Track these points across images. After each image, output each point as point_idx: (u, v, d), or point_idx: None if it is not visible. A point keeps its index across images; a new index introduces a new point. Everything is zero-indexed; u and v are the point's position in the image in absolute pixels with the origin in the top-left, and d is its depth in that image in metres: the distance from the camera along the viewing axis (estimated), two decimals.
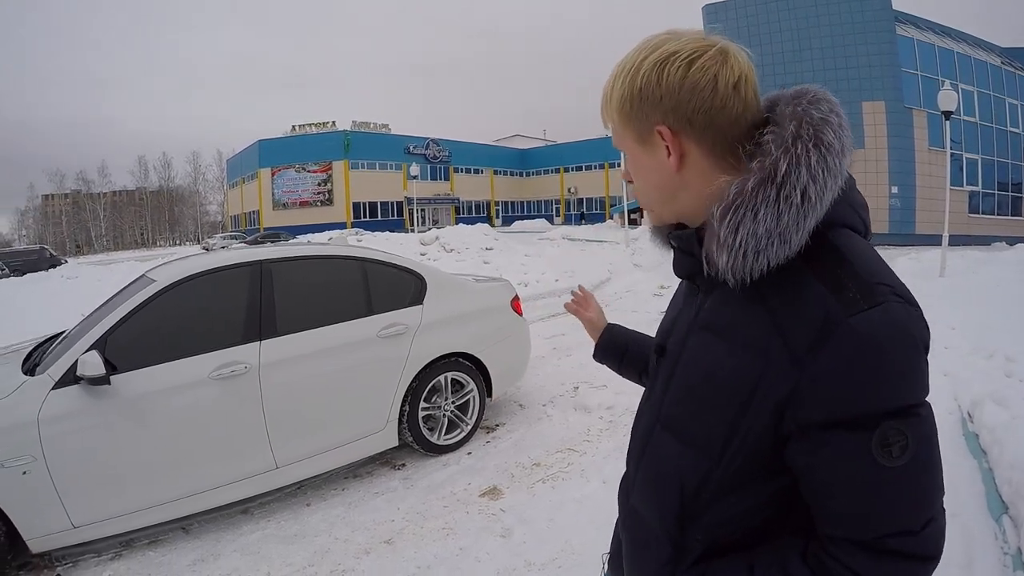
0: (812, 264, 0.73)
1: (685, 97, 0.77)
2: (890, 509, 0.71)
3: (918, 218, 20.12)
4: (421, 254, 15.04)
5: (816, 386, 0.69)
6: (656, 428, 0.91)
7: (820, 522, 0.75)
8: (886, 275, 0.73)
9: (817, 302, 0.70)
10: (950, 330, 6.08)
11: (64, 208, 79.66)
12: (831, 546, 0.74)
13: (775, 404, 0.72)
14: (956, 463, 3.45)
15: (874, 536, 0.71)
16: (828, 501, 0.73)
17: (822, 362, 0.68)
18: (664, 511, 0.87)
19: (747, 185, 0.73)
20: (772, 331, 0.73)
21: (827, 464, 0.71)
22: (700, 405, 0.82)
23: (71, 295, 11.89)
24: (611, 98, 0.83)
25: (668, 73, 0.77)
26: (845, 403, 0.68)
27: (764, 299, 0.75)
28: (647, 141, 0.82)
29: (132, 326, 3.13)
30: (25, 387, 2.90)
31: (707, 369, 0.81)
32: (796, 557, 0.76)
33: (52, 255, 30.31)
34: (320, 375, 3.57)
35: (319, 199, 49.12)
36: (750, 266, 0.73)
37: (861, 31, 20.52)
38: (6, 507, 2.75)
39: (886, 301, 0.69)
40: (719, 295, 0.82)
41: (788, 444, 0.74)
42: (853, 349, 0.67)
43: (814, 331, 0.69)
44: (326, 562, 2.95)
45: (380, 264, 4.08)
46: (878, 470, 0.68)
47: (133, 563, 3.07)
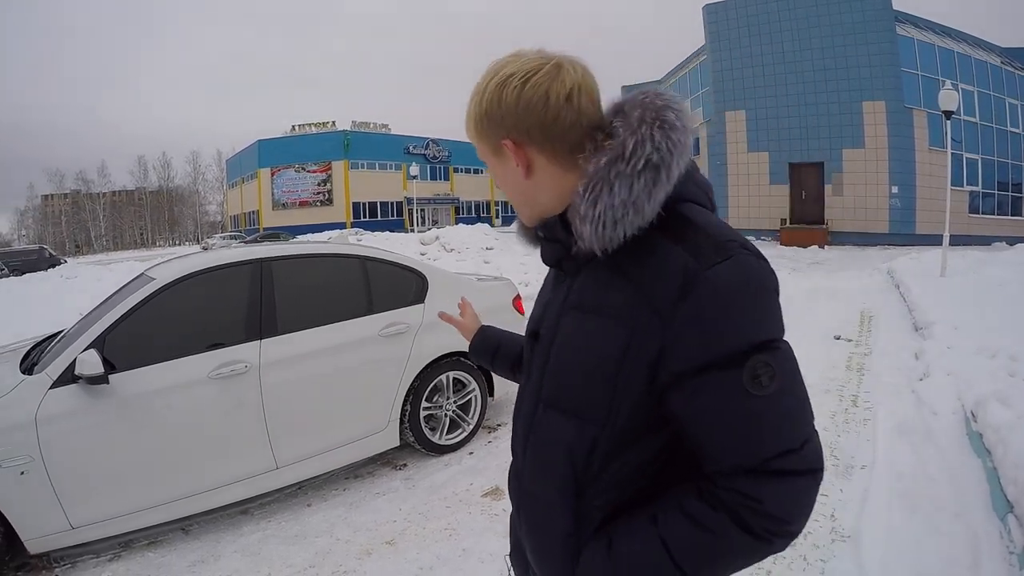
0: (666, 232, 0.82)
1: (522, 113, 0.87)
2: (770, 433, 0.79)
3: (918, 218, 20.08)
4: (421, 254, 15.04)
5: (684, 336, 0.77)
6: (539, 409, 0.97)
7: (708, 461, 0.82)
8: (733, 234, 0.82)
9: (675, 261, 0.79)
10: (952, 330, 6.06)
11: (63, 208, 79.55)
12: (722, 479, 0.80)
13: (648, 362, 0.80)
14: (960, 462, 3.43)
15: (761, 460, 0.78)
16: (712, 439, 0.80)
17: (687, 313, 0.76)
18: (560, 484, 0.92)
19: (600, 163, 0.83)
20: (636, 296, 0.81)
21: (707, 405, 0.78)
22: (579, 378, 0.88)
23: (70, 295, 11.85)
24: (468, 119, 0.94)
25: (506, 93, 0.87)
26: (714, 345, 0.76)
27: (624, 270, 0.84)
28: (499, 154, 0.93)
29: (131, 325, 3.11)
30: (23, 386, 2.88)
31: (581, 344, 0.88)
32: (691, 497, 0.83)
33: (51, 255, 30.28)
34: (321, 374, 3.55)
35: (319, 199, 49.09)
36: (610, 236, 0.82)
37: (861, 31, 20.47)
38: (4, 507, 2.73)
39: (736, 254, 0.78)
40: (585, 275, 0.91)
41: (666, 396, 0.81)
42: (713, 296, 0.76)
43: (675, 287, 0.77)
44: (327, 563, 2.93)
45: (381, 262, 4.06)
46: (753, 400, 0.77)
47: (132, 564, 3.05)
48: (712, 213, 0.89)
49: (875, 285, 10.82)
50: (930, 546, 2.69)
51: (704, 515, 0.81)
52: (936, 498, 3.09)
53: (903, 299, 9.04)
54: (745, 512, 0.79)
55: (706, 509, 0.81)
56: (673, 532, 0.82)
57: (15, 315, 9.55)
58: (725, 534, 0.80)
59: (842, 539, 2.86)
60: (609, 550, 0.86)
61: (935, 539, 2.74)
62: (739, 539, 0.80)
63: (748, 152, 23.71)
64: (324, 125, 51.10)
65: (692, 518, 0.81)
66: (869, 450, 3.77)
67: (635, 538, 0.85)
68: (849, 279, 11.58)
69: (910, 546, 2.69)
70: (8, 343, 4.12)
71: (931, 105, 17.98)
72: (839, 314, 8.38)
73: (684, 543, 0.81)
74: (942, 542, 2.72)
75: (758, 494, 0.78)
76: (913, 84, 20.30)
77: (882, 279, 11.45)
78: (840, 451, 3.85)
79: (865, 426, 4.23)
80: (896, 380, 5.17)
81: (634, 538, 0.85)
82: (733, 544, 0.80)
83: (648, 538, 0.83)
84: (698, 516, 0.81)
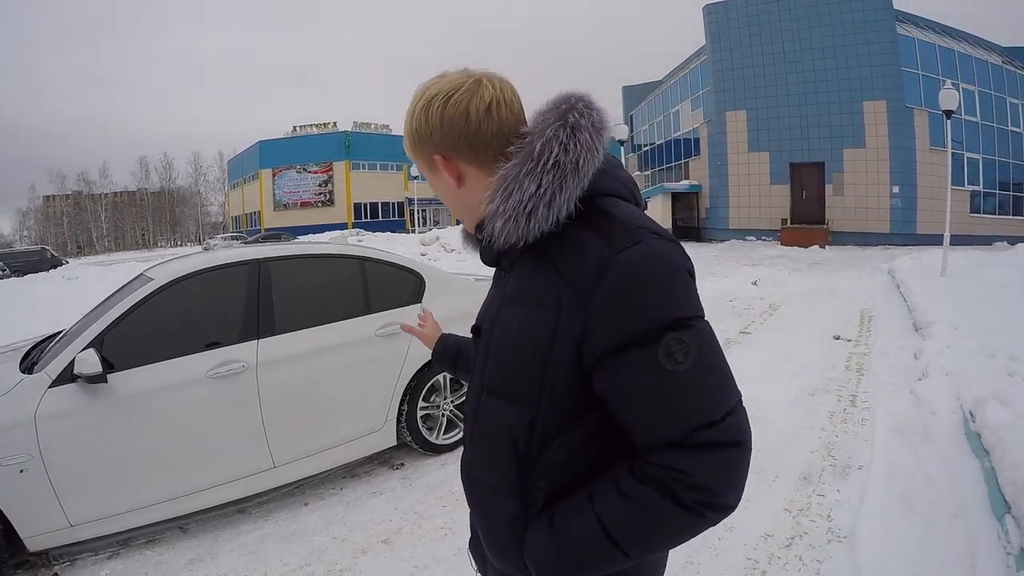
0: (583, 223, 0.88)
1: (447, 130, 0.94)
2: (689, 407, 0.83)
3: (919, 218, 20.06)
4: (422, 254, 15.07)
5: (601, 317, 0.82)
6: (482, 397, 1.02)
7: (635, 437, 0.86)
8: (646, 221, 0.89)
9: (590, 248, 0.85)
10: (952, 330, 6.06)
11: (65, 209, 79.59)
12: (650, 455, 0.85)
13: (573, 343, 0.86)
14: (959, 463, 3.43)
15: (682, 433, 0.82)
16: (636, 414, 0.85)
17: (603, 295, 0.82)
18: (504, 468, 0.96)
19: (510, 164, 0.90)
20: (560, 282, 0.87)
21: (627, 382, 0.83)
22: (515, 363, 0.93)
23: (72, 295, 11.88)
24: (405, 138, 1.02)
25: (431, 113, 0.94)
26: (628, 325, 0.81)
27: (551, 259, 0.90)
28: (433, 169, 1.00)
29: (130, 324, 3.12)
30: (22, 385, 2.89)
31: (515, 331, 0.94)
32: (625, 474, 0.87)
33: (53, 256, 30.32)
34: (318, 374, 3.55)
35: (320, 200, 49.12)
36: (524, 229, 0.88)
37: (862, 30, 20.46)
38: (3, 505, 2.74)
39: (645, 239, 0.84)
40: (518, 270, 0.97)
41: (592, 377, 0.86)
42: (624, 278, 0.81)
43: (592, 272, 0.83)
44: (323, 562, 2.94)
45: (378, 263, 4.06)
46: (669, 376, 0.81)
47: (130, 562, 3.06)
48: (633, 206, 0.96)
49: (876, 285, 10.82)
50: (927, 547, 2.69)
51: (635, 490, 0.85)
52: (934, 498, 3.09)
53: (903, 299, 9.04)
54: (674, 485, 0.82)
55: (637, 484, 0.85)
56: (607, 508, 0.86)
57: (16, 315, 9.57)
58: (656, 508, 0.83)
59: (838, 540, 2.86)
60: (551, 528, 0.90)
61: (932, 540, 2.74)
62: (671, 512, 0.83)
63: (749, 152, 23.72)
64: (325, 126, 51.10)
65: (624, 494, 0.85)
66: (867, 450, 3.77)
67: (573, 515, 0.89)
68: (850, 279, 11.57)
69: (907, 546, 2.69)
70: (9, 343, 4.13)
71: (932, 105, 17.96)
72: (839, 314, 8.38)
73: (617, 518, 0.85)
74: (939, 543, 2.72)
75: (683, 466, 0.82)
76: (914, 84, 20.29)
77: (883, 279, 11.45)
78: (838, 451, 3.85)
79: (863, 426, 4.23)
80: (895, 380, 5.17)
81: (573, 515, 0.89)
82: (665, 518, 0.84)
83: (585, 514, 0.87)
84: (629, 491, 0.85)
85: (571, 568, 0.89)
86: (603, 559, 0.87)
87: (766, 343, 6.74)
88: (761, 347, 6.56)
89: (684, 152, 28.15)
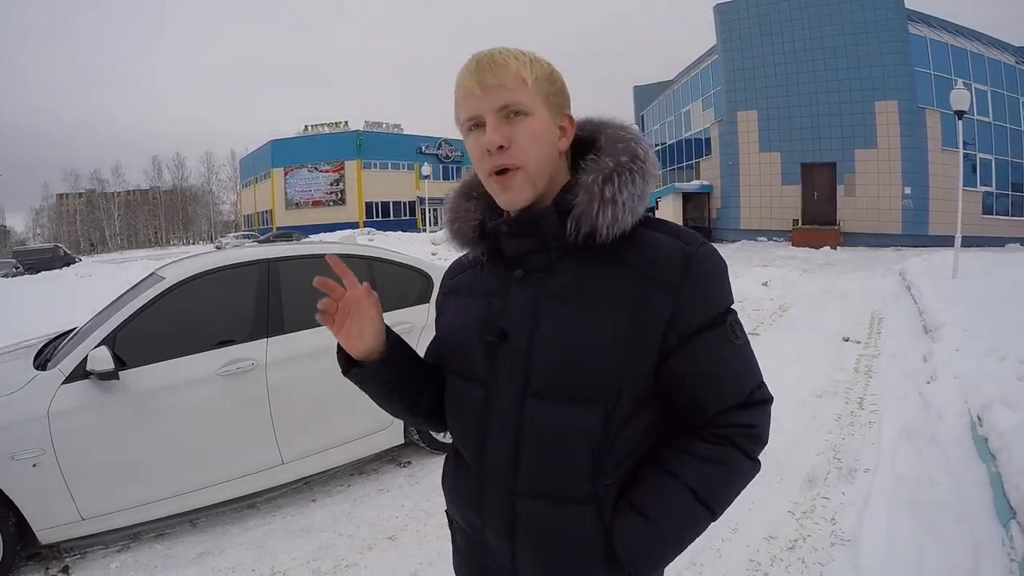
0: (650, 227, 0.97)
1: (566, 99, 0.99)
2: (749, 373, 0.98)
3: (931, 219, 19.89)
4: (432, 253, 15.10)
5: (689, 303, 0.92)
6: (528, 404, 0.96)
7: (707, 407, 0.96)
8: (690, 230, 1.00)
9: (671, 247, 0.93)
10: (962, 332, 6.02)
11: (78, 207, 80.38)
12: (719, 418, 0.96)
13: (661, 332, 0.92)
14: (964, 467, 3.41)
15: (746, 395, 0.97)
16: (712, 384, 0.95)
17: (690, 284, 0.91)
18: (575, 474, 0.95)
19: (620, 159, 0.95)
20: (639, 278, 0.92)
21: (708, 356, 0.93)
22: (583, 362, 0.92)
23: (85, 293, 12.02)
24: (533, 66, 0.94)
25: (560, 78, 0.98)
26: (709, 308, 0.94)
27: (620, 258, 0.94)
28: (553, 119, 0.96)
29: (141, 323, 3.17)
30: (36, 381, 2.95)
31: (582, 329, 0.93)
32: (697, 443, 0.96)
33: (66, 253, 30.67)
34: (326, 372, 3.55)
35: (332, 199, 49.36)
36: (622, 224, 0.93)
37: (873, 30, 20.30)
38: (16, 498, 2.80)
39: (703, 242, 0.96)
40: (567, 268, 0.96)
41: (670, 358, 0.93)
42: (704, 270, 0.93)
43: (679, 265, 0.92)
44: (330, 557, 2.98)
45: (386, 263, 4.10)
46: (735, 348, 0.96)
47: (140, 555, 3.11)
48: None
49: (887, 287, 10.76)
50: (930, 551, 2.68)
51: (715, 452, 0.95)
52: (939, 503, 3.08)
53: (914, 301, 8.98)
54: (743, 439, 0.96)
55: (714, 447, 0.95)
56: (695, 476, 0.94)
57: (30, 313, 9.70)
58: (735, 462, 0.96)
59: (842, 543, 2.86)
60: (643, 515, 0.93)
61: (936, 544, 2.73)
62: (742, 464, 0.97)
63: (760, 152, 23.61)
64: (337, 125, 51.35)
65: (705, 459, 0.95)
66: (873, 453, 3.76)
67: (663, 495, 0.94)
68: (861, 280, 11.52)
69: (910, 550, 2.69)
70: (22, 340, 4.20)
71: (944, 105, 17.78)
72: (849, 316, 8.35)
73: (707, 482, 0.94)
74: (943, 547, 2.71)
75: (752, 420, 0.97)
76: (926, 83, 20.11)
77: (894, 280, 11.38)
78: (844, 454, 3.85)
79: (870, 429, 4.22)
80: (903, 383, 5.15)
81: (662, 495, 0.94)
82: (740, 470, 0.97)
83: (675, 490, 0.93)
84: (710, 455, 0.95)
85: (675, 544, 0.96)
86: (697, 524, 0.96)
87: (775, 344, 6.72)
88: (769, 348, 6.54)
89: (695, 152, 28.06)
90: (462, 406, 1.06)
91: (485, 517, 1.03)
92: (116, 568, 3.01)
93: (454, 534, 1.17)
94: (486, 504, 1.02)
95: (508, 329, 0.99)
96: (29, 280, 17.25)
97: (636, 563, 0.94)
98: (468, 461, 1.06)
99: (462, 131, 0.98)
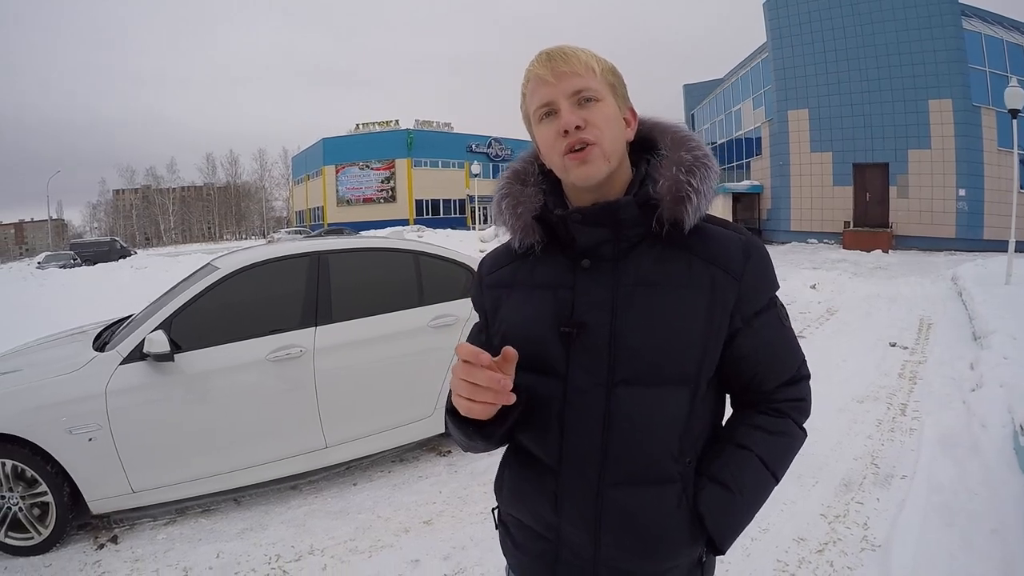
0: (711, 222, 1.04)
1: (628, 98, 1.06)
2: (796, 350, 1.09)
3: (986, 222, 18.99)
4: (480, 251, 15.22)
5: (751, 287, 1.00)
6: (616, 392, 0.96)
7: (764, 382, 1.06)
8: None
9: (732, 239, 1.01)
10: (1011, 340, 5.82)
11: (134, 202, 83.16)
12: (776, 393, 1.07)
13: (730, 314, 0.99)
14: (1004, 478, 3.32)
15: (795, 370, 1.09)
16: (771, 361, 1.06)
17: (751, 270, 1.00)
18: (664, 455, 0.98)
19: (695, 154, 1.01)
20: (710, 266, 0.98)
21: (766, 336, 1.04)
22: (669, 348, 0.97)
23: (140, 284, 12.51)
24: (599, 60, 1.01)
25: (621, 74, 1.05)
26: (765, 292, 1.03)
27: (690, 248, 1.00)
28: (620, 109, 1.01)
29: (196, 309, 3.36)
30: (95, 362, 3.16)
31: (663, 315, 0.97)
32: (761, 418, 1.07)
33: (122, 247, 31.76)
34: (371, 361, 3.72)
35: (382, 196, 50.12)
36: (699, 213, 1.00)
37: (926, 26, 19.56)
38: (72, 471, 3.00)
39: (751, 233, 1.05)
40: (641, 257, 1.00)
41: (735, 339, 1.01)
42: (760, 258, 1.02)
43: (741, 255, 0.99)
44: (366, 537, 3.10)
45: (432, 257, 4.22)
46: (785, 328, 1.07)
47: (186, 528, 3.30)
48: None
49: (938, 292, 10.44)
50: (962, 562, 2.62)
51: (778, 425, 1.06)
52: (974, 513, 3.01)
53: (965, 307, 8.71)
54: (796, 412, 1.08)
55: (776, 419, 1.06)
56: (764, 448, 1.04)
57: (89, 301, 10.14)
58: (793, 433, 1.07)
59: (872, 548, 2.84)
60: (724, 487, 1.01)
61: (967, 555, 2.67)
62: (798, 434, 1.08)
63: (811, 152, 23.04)
64: (388, 124, 52.10)
65: (769, 431, 1.06)
66: (912, 460, 3.70)
67: (737, 466, 1.02)
68: (911, 285, 11.19)
69: (942, 560, 2.63)
70: (81, 325, 4.45)
71: (1000, 103, 17.01)
72: (898, 321, 8.16)
73: (774, 452, 1.05)
74: (975, 558, 2.64)
75: (801, 394, 1.09)
76: (981, 81, 19.26)
77: (945, 286, 11.03)
78: (882, 460, 3.80)
79: (911, 436, 4.15)
80: (948, 390, 5.03)
81: (739, 467, 1.02)
82: (796, 439, 1.08)
83: (747, 461, 1.03)
84: (774, 427, 1.06)
85: (752, 511, 1.04)
86: (766, 492, 1.05)
87: (820, 347, 6.61)
88: (815, 351, 6.42)
89: (746, 152, 27.53)
90: (545, 403, 1.01)
91: (564, 512, 1.01)
92: (163, 539, 3.19)
93: (511, 534, 1.14)
94: (566, 499, 1.00)
95: (586, 320, 0.98)
96: (87, 271, 17.98)
97: (723, 532, 1.01)
98: (544, 458, 1.02)
99: (533, 120, 1.01)
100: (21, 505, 2.98)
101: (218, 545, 3.07)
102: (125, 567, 2.93)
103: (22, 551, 3.00)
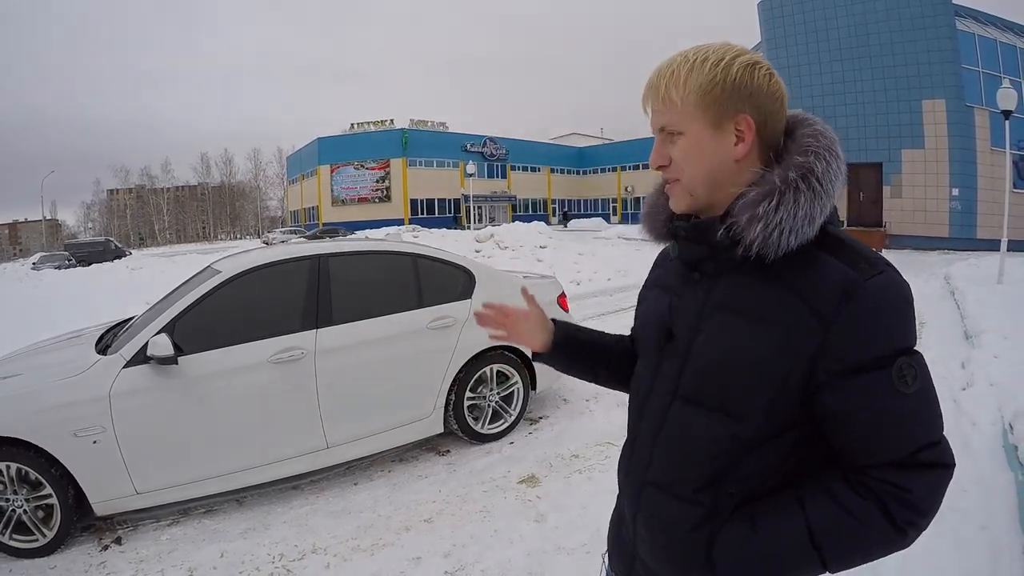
0: (822, 247, 0.90)
1: (768, 100, 0.93)
2: (917, 428, 0.87)
3: (980, 222, 19.19)
4: (476, 251, 15.20)
5: (843, 337, 0.85)
6: (674, 404, 1.00)
7: (857, 455, 0.89)
8: (879, 253, 0.91)
9: (836, 272, 0.86)
10: (1002, 339, 5.90)
11: (128, 202, 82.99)
12: (872, 471, 0.87)
13: (808, 361, 0.87)
14: (992, 476, 3.38)
15: (908, 453, 0.86)
16: (864, 433, 0.87)
17: (848, 317, 0.84)
18: (694, 477, 0.97)
19: (789, 175, 0.89)
20: (796, 301, 0.88)
21: (861, 402, 0.86)
22: (728, 376, 0.93)
23: (136, 285, 12.50)
24: (687, 80, 0.92)
25: (758, 76, 0.92)
26: (869, 348, 0.85)
27: (782, 278, 0.90)
28: (721, 127, 0.93)
29: (199, 312, 3.39)
30: (99, 365, 3.19)
31: (731, 344, 0.93)
32: (842, 487, 0.89)
33: (117, 247, 31.61)
34: (371, 362, 3.77)
35: (377, 196, 49.88)
36: (777, 242, 0.87)
37: (920, 26, 19.69)
38: (76, 473, 3.03)
39: (886, 269, 0.87)
40: (732, 280, 0.95)
41: (819, 394, 0.88)
42: (872, 304, 0.84)
43: (838, 294, 0.85)
44: (368, 536, 3.15)
45: (430, 259, 4.27)
46: (901, 398, 0.85)
47: (189, 529, 3.33)
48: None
49: (931, 291, 10.52)
50: (950, 557, 2.65)
51: (852, 501, 0.87)
52: (964, 510, 3.04)
53: (957, 306, 8.79)
54: (892, 502, 0.85)
55: (857, 498, 0.87)
56: (820, 515, 0.88)
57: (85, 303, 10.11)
58: (870, 521, 0.86)
59: None
60: (753, 527, 0.92)
61: (956, 550, 2.70)
62: (880, 528, 0.86)
63: None
64: (382, 123, 51.87)
65: (839, 503, 0.87)
66: None
67: (781, 517, 0.90)
68: None
69: (930, 557, 2.64)
70: (80, 329, 4.48)
71: (993, 103, 17.15)
72: None
73: (828, 525, 0.87)
74: (963, 555, 2.68)
75: (908, 484, 0.85)
76: (974, 81, 19.40)
77: (938, 285, 11.11)
78: None
79: None
80: (939, 389, 4.92)
81: (780, 517, 0.90)
82: (873, 532, 0.86)
83: (793, 517, 0.89)
84: (848, 503, 0.87)
85: (767, 568, 0.91)
86: (801, 564, 0.89)
87: None
88: None
89: None
90: (637, 391, 1.12)
91: (626, 492, 1.12)
92: (166, 540, 3.22)
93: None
94: (629, 482, 1.10)
95: (676, 330, 1.02)
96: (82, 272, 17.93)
97: (726, 565, 0.94)
98: (629, 433, 1.13)
99: None
100: (26, 507, 3.01)
101: (222, 545, 3.11)
102: (130, 568, 2.96)
103: (27, 553, 3.03)
